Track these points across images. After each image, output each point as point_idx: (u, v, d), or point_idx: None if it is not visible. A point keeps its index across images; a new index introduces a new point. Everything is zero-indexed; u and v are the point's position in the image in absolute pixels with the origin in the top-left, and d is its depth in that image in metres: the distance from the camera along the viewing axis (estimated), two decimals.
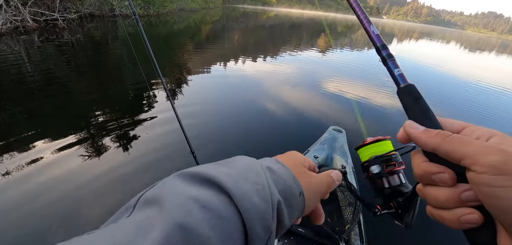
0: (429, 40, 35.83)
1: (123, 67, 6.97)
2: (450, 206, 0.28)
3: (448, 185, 0.28)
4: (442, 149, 0.28)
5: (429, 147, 0.30)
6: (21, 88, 4.77)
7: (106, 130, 3.73)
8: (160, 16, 20.04)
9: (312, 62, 10.70)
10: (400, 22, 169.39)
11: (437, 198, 0.29)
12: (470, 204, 0.27)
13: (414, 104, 0.36)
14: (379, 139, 0.50)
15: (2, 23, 8.01)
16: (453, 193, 0.28)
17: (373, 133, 4.58)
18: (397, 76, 0.40)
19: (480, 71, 14.52)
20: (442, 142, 0.28)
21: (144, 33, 1.71)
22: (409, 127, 0.33)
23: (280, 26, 29.43)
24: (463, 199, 0.27)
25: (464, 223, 0.27)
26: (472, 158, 0.25)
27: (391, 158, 0.46)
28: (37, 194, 2.57)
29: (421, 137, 0.31)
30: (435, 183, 0.30)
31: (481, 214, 0.26)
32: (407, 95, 0.38)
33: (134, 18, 1.71)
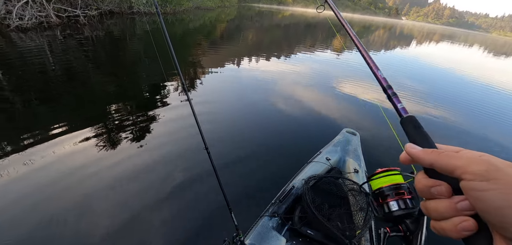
0: (450, 43, 34.42)
1: (139, 62, 7.13)
2: (448, 215, 0.31)
3: (444, 196, 0.33)
4: (438, 164, 0.33)
5: (427, 163, 0.34)
6: (43, 80, 5.00)
7: (122, 121, 3.85)
8: (176, 14, 20.36)
9: (326, 62, 10.54)
10: (420, 23, 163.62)
11: (437, 209, 0.33)
12: (466, 213, 0.30)
13: (415, 131, 0.42)
14: (389, 169, 0.58)
15: (28, 18, 8.39)
16: (450, 203, 0.32)
17: (386, 137, 4.44)
18: (400, 110, 0.48)
19: (505, 77, 13.76)
20: (437, 157, 0.33)
21: (165, 28, 1.73)
22: (409, 147, 0.38)
23: (295, 25, 29.18)
24: (459, 208, 0.31)
25: (461, 230, 0.30)
26: (462, 168, 0.30)
27: (401, 187, 0.53)
28: (54, 180, 2.68)
29: (420, 154, 0.36)
30: (434, 196, 0.34)
31: (475, 221, 0.29)
32: (408, 124, 0.44)
33: (156, 12, 1.75)
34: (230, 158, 3.34)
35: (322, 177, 2.16)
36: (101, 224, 2.28)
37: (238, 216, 1.70)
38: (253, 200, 2.68)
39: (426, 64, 13.48)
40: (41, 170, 2.80)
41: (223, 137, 3.83)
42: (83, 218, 2.33)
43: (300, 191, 2.10)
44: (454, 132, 5.33)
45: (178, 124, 3.96)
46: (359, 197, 1.96)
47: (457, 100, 7.54)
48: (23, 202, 2.41)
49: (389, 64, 12.12)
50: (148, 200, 2.56)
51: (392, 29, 49.47)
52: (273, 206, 1.96)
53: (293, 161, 3.30)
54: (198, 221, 2.40)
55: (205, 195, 2.64)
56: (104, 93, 4.91)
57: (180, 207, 2.52)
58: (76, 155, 3.07)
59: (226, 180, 2.74)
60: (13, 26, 7.99)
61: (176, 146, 3.46)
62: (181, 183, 2.81)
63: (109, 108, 4.25)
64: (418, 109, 6.19)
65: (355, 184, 2.06)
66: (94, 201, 2.50)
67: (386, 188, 0.58)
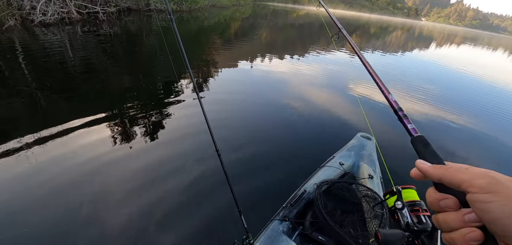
0: (472, 46, 33.00)
1: (154, 59, 7.25)
2: (457, 227, 0.34)
3: (452, 209, 0.35)
4: (445, 178, 0.35)
5: (436, 177, 0.37)
6: (63, 72, 5.20)
7: (133, 118, 3.91)
8: (191, 12, 20.59)
9: (341, 63, 10.34)
10: (441, 25, 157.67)
11: (446, 221, 0.35)
12: (473, 225, 0.32)
13: (424, 149, 0.45)
14: (405, 187, 0.61)
15: (51, 14, 8.71)
16: (458, 215, 0.34)
17: (403, 143, 4.30)
18: (410, 130, 0.52)
19: None
20: (445, 172, 0.36)
21: (177, 32, 1.75)
22: (420, 163, 0.41)
23: (309, 25, 28.86)
24: (467, 220, 0.33)
25: (469, 240, 0.32)
26: (467, 182, 0.32)
27: (416, 204, 0.57)
28: (69, 169, 2.78)
29: (429, 170, 0.39)
30: (443, 209, 0.36)
31: (482, 232, 0.31)
32: (419, 143, 0.47)
33: (169, 18, 1.76)
34: (241, 160, 3.32)
35: (335, 182, 2.10)
36: (111, 221, 2.32)
37: (248, 218, 1.69)
38: (263, 203, 2.65)
39: (445, 68, 12.98)
40: (56, 158, 2.91)
41: (234, 138, 3.82)
42: (93, 211, 2.38)
43: (312, 195, 2.06)
44: (473, 140, 5.10)
45: (189, 124, 3.98)
46: (374, 204, 1.89)
47: (477, 107, 7.21)
48: (39, 189, 2.50)
49: (406, 67, 11.75)
50: (157, 199, 2.58)
51: (410, 30, 47.97)
52: (284, 210, 1.93)
53: (305, 164, 3.26)
54: (208, 223, 2.39)
55: (215, 196, 2.63)
56: (119, 88, 5.03)
57: (190, 208, 2.52)
58: (88, 146, 3.16)
59: (236, 181, 2.72)
60: (37, 21, 8.33)
61: (186, 146, 3.47)
62: (191, 183, 2.81)
63: (123, 104, 4.34)
64: (436, 114, 5.96)
65: (370, 190, 1.99)
66: (105, 197, 2.55)
67: None
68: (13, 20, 7.68)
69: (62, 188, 2.57)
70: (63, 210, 2.34)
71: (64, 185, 2.60)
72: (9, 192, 2.44)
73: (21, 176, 2.62)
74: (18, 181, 2.57)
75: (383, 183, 2.38)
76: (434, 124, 5.50)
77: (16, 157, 2.84)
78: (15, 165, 2.74)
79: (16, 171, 2.67)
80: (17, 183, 2.55)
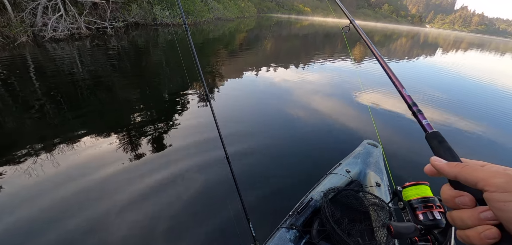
0: (479, 51, 32.63)
1: (161, 71, 7.37)
2: (472, 224, 0.33)
3: (468, 206, 0.35)
4: (461, 176, 0.35)
5: (451, 175, 0.37)
6: (72, 85, 5.34)
7: (143, 129, 3.97)
8: (197, 25, 21.02)
9: (346, 71, 10.33)
10: (446, 31, 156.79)
11: (461, 218, 0.35)
12: (489, 223, 0.32)
13: (440, 145, 0.44)
14: (418, 183, 0.61)
15: (61, 30, 9.00)
16: (474, 212, 0.33)
17: (405, 153, 4.24)
18: (425, 125, 0.51)
19: None
20: (461, 170, 0.35)
21: (191, 40, 1.82)
22: (434, 160, 0.40)
23: (313, 35, 29.07)
24: (483, 218, 0.32)
25: (485, 238, 0.32)
26: (485, 181, 0.32)
27: (429, 200, 0.57)
28: (77, 177, 2.82)
29: (444, 167, 0.38)
30: (458, 206, 0.36)
31: (498, 230, 0.31)
32: (433, 139, 0.46)
33: (185, 28, 1.85)
34: (249, 168, 3.33)
35: (341, 189, 2.08)
36: (120, 226, 2.33)
37: (255, 226, 1.69)
38: (270, 211, 2.64)
39: (452, 74, 12.83)
40: (66, 169, 2.95)
41: (243, 146, 3.83)
42: (101, 218, 2.40)
43: (318, 203, 2.03)
44: (483, 144, 4.99)
45: (199, 132, 4.02)
46: (382, 213, 1.85)
47: (487, 112, 7.07)
48: (46, 199, 2.53)
49: (412, 74, 11.67)
50: (167, 205, 2.59)
51: (415, 37, 47.81)
52: (291, 218, 1.90)
53: (311, 172, 3.24)
54: (216, 229, 2.39)
55: (224, 203, 2.63)
56: (127, 100, 5.11)
57: (198, 214, 2.53)
58: (97, 158, 3.19)
59: (244, 189, 2.71)
60: (48, 37, 8.60)
61: (196, 153, 3.49)
62: (200, 191, 2.83)
63: (131, 115, 4.41)
64: (443, 120, 5.86)
65: (377, 199, 1.95)
66: (114, 202, 2.57)
67: (414, 201, 0.59)
68: (25, 37, 7.95)
69: (72, 197, 2.60)
70: (72, 217, 2.36)
71: (74, 195, 2.63)
72: (16, 205, 2.47)
73: (29, 188, 2.66)
74: (26, 193, 2.60)
75: (390, 191, 2.34)
76: (444, 127, 5.40)
77: (24, 169, 2.88)
78: (23, 177, 2.77)
79: (25, 183, 2.71)
80: (26, 194, 2.59)
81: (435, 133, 0.47)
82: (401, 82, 0.63)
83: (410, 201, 0.60)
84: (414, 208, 0.59)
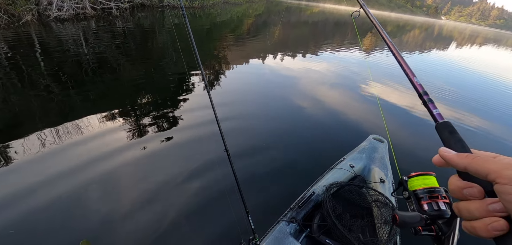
0: (496, 47, 31.49)
1: (167, 55, 7.28)
2: (480, 215, 0.33)
3: (476, 197, 0.34)
4: (471, 167, 0.34)
5: (460, 166, 0.36)
6: (77, 66, 5.30)
7: (145, 113, 3.94)
8: (204, 8, 20.69)
9: (355, 62, 10.05)
10: (462, 24, 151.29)
11: (469, 210, 0.34)
12: (497, 214, 0.32)
13: (450, 136, 0.43)
14: (424, 173, 0.59)
15: (66, 9, 8.93)
16: (482, 204, 0.33)
17: (413, 148, 4.13)
18: (435, 115, 0.50)
19: None
20: (471, 161, 0.34)
21: (189, 28, 1.74)
22: (443, 151, 0.39)
23: (323, 23, 28.42)
24: (491, 210, 0.32)
25: (492, 230, 0.31)
26: (497, 173, 0.31)
27: (435, 190, 0.56)
28: (82, 159, 2.83)
29: (454, 158, 0.37)
30: (466, 197, 0.35)
31: (506, 221, 0.31)
32: (444, 130, 0.45)
33: (182, 14, 1.75)
34: (250, 160, 3.25)
35: (344, 184, 2.06)
36: (118, 217, 2.31)
37: (255, 219, 1.67)
38: (271, 204, 2.59)
39: (466, 70, 12.42)
40: (69, 148, 2.98)
41: (243, 137, 3.74)
42: (102, 209, 2.38)
43: (320, 197, 2.02)
44: (491, 139, 4.83)
45: (199, 122, 3.92)
46: (384, 209, 1.83)
47: (498, 109, 6.83)
48: (52, 180, 2.53)
49: (422, 67, 11.32)
50: (164, 197, 2.55)
51: (429, 29, 46.36)
52: (292, 211, 1.89)
53: (314, 165, 3.17)
54: (215, 222, 2.36)
55: (223, 196, 2.58)
56: (131, 84, 5.06)
57: (197, 207, 2.49)
58: (99, 142, 3.17)
59: (244, 181, 2.68)
60: (53, 17, 8.55)
61: (195, 144, 3.42)
62: (199, 182, 2.77)
63: (134, 99, 4.36)
64: (450, 114, 5.66)
65: (381, 195, 1.92)
66: (114, 195, 2.54)
67: (420, 191, 0.58)
68: (30, 15, 7.91)
69: (73, 182, 2.58)
70: (70, 205, 2.35)
71: (75, 179, 2.61)
72: (20, 185, 2.47)
73: (34, 168, 2.66)
74: (31, 173, 2.60)
75: (395, 187, 2.28)
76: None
77: (30, 149, 2.88)
78: (29, 158, 2.78)
79: (30, 165, 2.71)
80: (31, 175, 2.59)
81: (446, 123, 0.46)
82: (412, 70, 0.61)
83: (415, 191, 0.59)
84: (419, 198, 0.57)
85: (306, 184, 2.24)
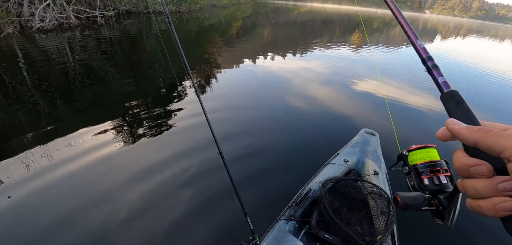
0: (478, 37, 32.45)
1: (155, 62, 7.17)
2: (487, 195, 0.31)
3: (485, 176, 0.31)
4: (483, 143, 0.30)
5: (470, 141, 0.32)
6: (63, 78, 5.16)
7: (136, 122, 3.86)
8: (191, 12, 20.54)
9: (344, 59, 10.20)
10: (445, 17, 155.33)
11: (476, 188, 0.32)
12: (507, 194, 0.29)
13: (457, 108, 0.39)
14: (425, 146, 0.56)
15: (49, 20, 8.71)
16: (491, 183, 0.30)
17: (407, 138, 4.21)
18: (441, 84, 0.45)
19: None
20: (484, 136, 0.31)
21: (176, 35, 1.75)
22: (451, 123, 0.35)
23: (311, 21, 28.67)
24: (500, 189, 0.29)
25: (501, 210, 0.29)
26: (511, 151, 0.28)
27: (436, 164, 0.53)
28: (71, 173, 2.74)
29: (463, 132, 0.33)
30: (473, 175, 0.32)
31: None
32: (450, 100, 0.41)
33: (168, 21, 1.76)
34: (245, 161, 3.23)
35: (340, 179, 2.07)
36: (114, 223, 2.26)
37: (254, 219, 1.68)
38: (269, 203, 2.59)
39: (453, 61, 12.75)
40: (58, 163, 2.87)
41: (238, 139, 3.71)
42: (96, 214, 2.33)
43: (317, 194, 2.03)
44: None
45: (192, 126, 3.86)
46: (380, 200, 1.87)
47: (493, 101, 7.03)
48: (38, 195, 2.45)
49: (407, 62, 11.57)
50: (161, 203, 2.51)
51: (414, 23, 47.41)
52: (290, 209, 1.91)
53: (309, 162, 3.18)
54: (214, 225, 2.34)
55: (220, 198, 2.57)
56: (119, 92, 4.97)
57: (195, 211, 2.46)
58: (88, 152, 3.09)
59: (241, 182, 2.67)
60: (35, 28, 8.32)
61: (189, 149, 3.36)
62: (195, 187, 2.73)
63: (123, 107, 4.28)
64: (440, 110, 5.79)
65: (375, 187, 1.96)
66: (107, 203, 2.48)
67: (420, 165, 0.55)
68: (12, 28, 7.67)
69: (63, 192, 2.52)
70: (63, 215, 2.29)
71: (65, 190, 2.55)
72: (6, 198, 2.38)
73: (20, 181, 2.58)
74: (17, 187, 2.52)
75: (388, 179, 2.36)
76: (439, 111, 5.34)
77: (17, 162, 2.80)
78: (15, 170, 2.69)
79: (16, 176, 2.63)
80: (17, 188, 2.50)
81: (453, 92, 0.42)
82: (415, 32, 0.53)
83: (416, 166, 0.56)
84: (419, 173, 0.55)
85: (302, 181, 2.25)
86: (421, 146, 0.57)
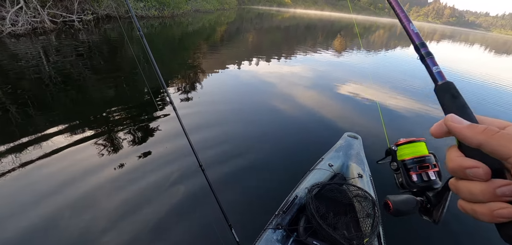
0: (450, 42, 34.27)
1: (135, 69, 6.93)
2: (484, 199, 0.28)
3: (482, 179, 0.29)
4: (489, 146, 0.27)
5: (474, 143, 0.29)
6: (38, 85, 4.88)
7: (114, 131, 3.67)
8: (174, 17, 20.27)
9: (326, 64, 10.39)
10: (419, 23, 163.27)
11: (471, 191, 0.29)
12: (505, 199, 0.27)
13: (452, 102, 0.36)
14: (413, 140, 0.54)
15: (21, 24, 8.26)
16: (488, 187, 0.28)
17: (391, 140, 4.29)
18: (435, 74, 0.41)
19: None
20: (490, 138, 0.27)
21: (148, 47, 1.76)
22: (452, 120, 0.32)
23: (295, 27, 29.11)
24: (498, 194, 0.27)
25: (497, 217, 0.27)
26: None
27: (425, 160, 0.51)
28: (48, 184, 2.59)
29: (465, 131, 0.30)
30: (468, 177, 0.30)
31: None
32: (445, 93, 0.38)
33: (140, 35, 1.75)
34: (227, 171, 3.11)
35: (325, 184, 2.08)
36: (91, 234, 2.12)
37: (240, 231, 1.65)
38: (255, 213, 2.53)
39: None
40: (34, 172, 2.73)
41: (219, 149, 3.56)
42: (73, 228, 2.18)
43: (303, 200, 2.01)
44: None
45: (170, 138, 3.62)
46: (365, 203, 1.89)
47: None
48: (14, 207, 2.30)
49: (387, 65, 11.99)
50: (140, 222, 2.36)
51: (392, 29, 49.37)
52: (277, 218, 1.88)
53: (295, 169, 3.14)
54: (197, 241, 2.25)
55: (203, 213, 2.46)
56: (96, 100, 4.74)
57: (178, 229, 2.33)
58: (64, 159, 2.95)
59: (224, 195, 2.60)
60: (6, 33, 7.85)
61: (168, 163, 3.14)
62: (176, 203, 2.58)
63: (100, 117, 4.05)
64: (422, 110, 6.00)
65: (360, 190, 1.98)
66: (81, 221, 2.33)
67: (409, 161, 0.53)
68: None
69: (36, 204, 2.37)
70: (37, 223, 2.16)
71: (39, 202, 2.39)
72: None
73: None
74: None
75: (372, 181, 2.39)
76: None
77: None
78: None
79: None
80: None
81: (448, 84, 0.38)
82: (407, 16, 0.49)
83: (404, 161, 0.54)
84: (408, 169, 0.53)
85: (288, 189, 2.22)
86: (410, 140, 0.55)
